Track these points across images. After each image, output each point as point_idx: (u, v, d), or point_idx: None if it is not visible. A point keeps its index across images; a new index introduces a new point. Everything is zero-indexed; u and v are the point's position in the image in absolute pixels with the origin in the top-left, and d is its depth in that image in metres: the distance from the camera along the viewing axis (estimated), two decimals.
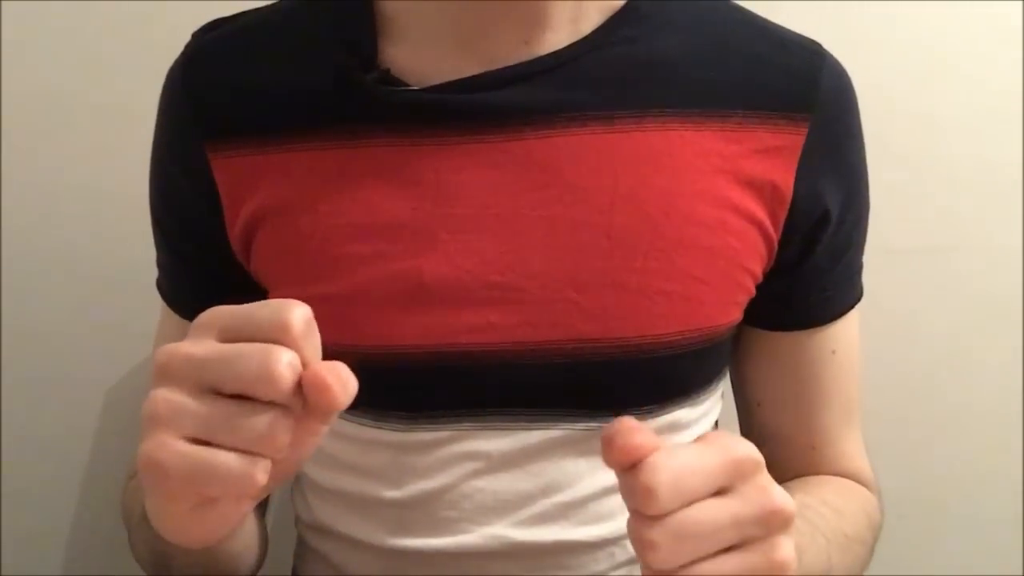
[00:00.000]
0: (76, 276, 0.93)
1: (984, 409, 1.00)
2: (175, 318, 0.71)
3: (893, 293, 0.74)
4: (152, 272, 0.72)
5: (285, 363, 0.41)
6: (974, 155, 0.95)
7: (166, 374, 0.43)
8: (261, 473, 0.42)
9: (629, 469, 0.43)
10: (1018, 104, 0.94)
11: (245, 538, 0.60)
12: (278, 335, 0.42)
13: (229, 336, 0.43)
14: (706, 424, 0.69)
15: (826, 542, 0.61)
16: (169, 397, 0.43)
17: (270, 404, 0.42)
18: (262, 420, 0.41)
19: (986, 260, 0.97)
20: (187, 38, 0.68)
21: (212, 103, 0.65)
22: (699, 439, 0.46)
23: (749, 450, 0.46)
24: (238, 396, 0.42)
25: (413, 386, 0.63)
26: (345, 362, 0.62)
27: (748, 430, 0.75)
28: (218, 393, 0.42)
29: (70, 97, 0.90)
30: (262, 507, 0.72)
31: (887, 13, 0.92)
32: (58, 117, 0.91)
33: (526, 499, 0.64)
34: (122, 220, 0.91)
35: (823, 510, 0.64)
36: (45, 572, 0.98)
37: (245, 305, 0.44)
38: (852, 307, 0.71)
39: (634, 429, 0.44)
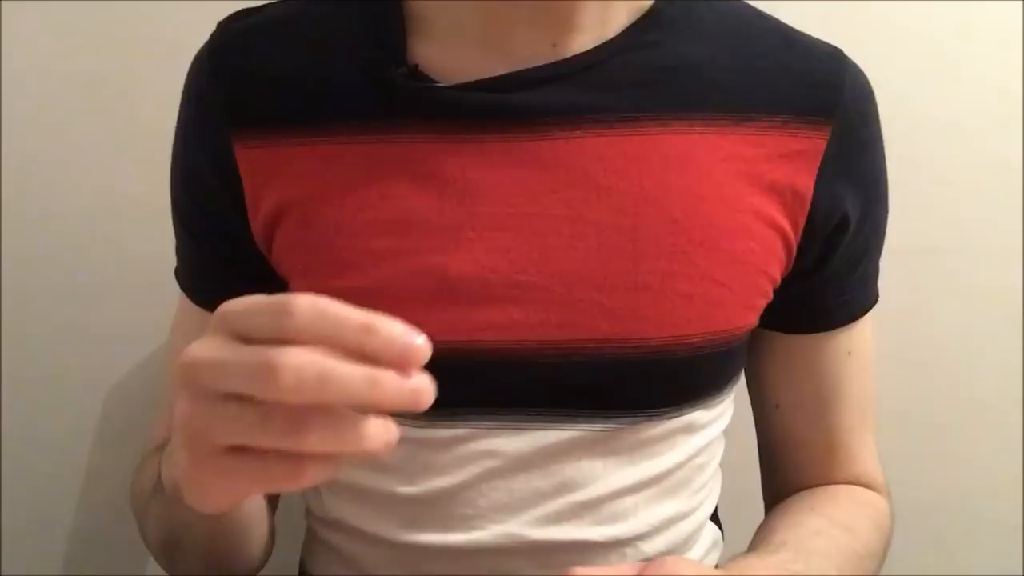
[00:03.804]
0: (77, 276, 0.93)
1: (984, 409, 1.00)
2: (193, 307, 0.71)
3: (893, 293, 0.74)
4: (153, 271, 0.73)
5: (282, 365, 0.37)
6: (974, 155, 0.95)
7: (187, 383, 0.41)
8: (311, 472, 0.40)
9: None
10: (1018, 104, 0.94)
11: (252, 508, 0.60)
12: (279, 333, 0.39)
13: (242, 335, 0.40)
14: (719, 427, 0.70)
15: (836, 569, 0.62)
16: (194, 412, 0.41)
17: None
18: (287, 418, 0.38)
19: (986, 260, 0.97)
20: (192, 35, 0.68)
21: (239, 92, 0.65)
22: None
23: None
24: None
25: (432, 382, 0.62)
26: None
27: (765, 432, 0.76)
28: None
29: (70, 95, 0.90)
30: (272, 501, 0.72)
31: (886, 13, 0.92)
32: (59, 116, 0.90)
33: (542, 498, 0.64)
34: (123, 220, 0.91)
35: (833, 532, 0.65)
36: (45, 572, 0.98)
37: (255, 300, 0.41)
38: (868, 310, 0.72)
39: None
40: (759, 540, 0.66)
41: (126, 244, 0.91)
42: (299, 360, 0.38)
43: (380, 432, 0.40)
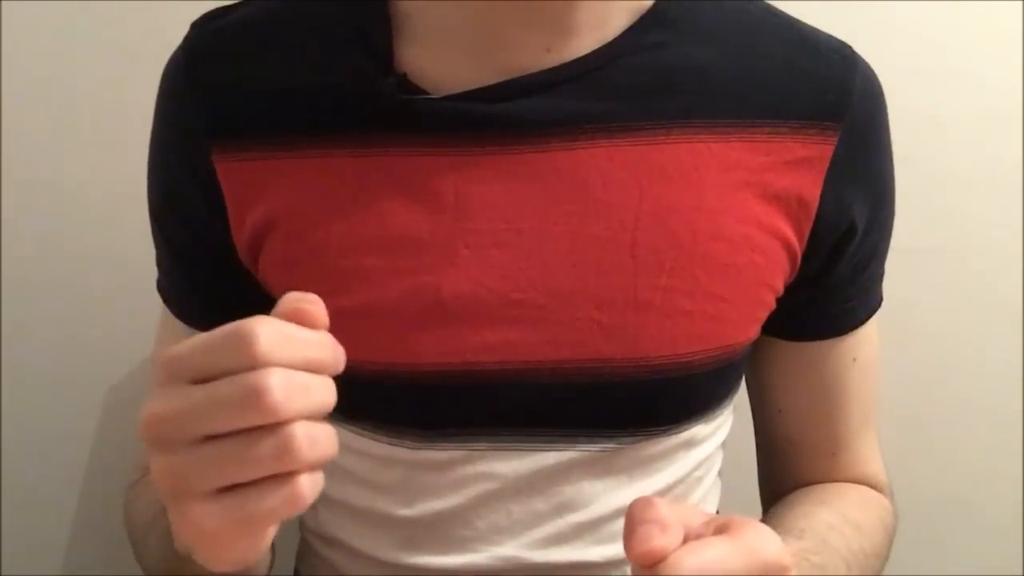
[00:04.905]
0: (76, 276, 0.93)
1: (984, 409, 1.00)
2: (177, 321, 0.69)
3: (893, 293, 0.74)
4: (154, 272, 0.72)
5: (266, 388, 0.39)
6: (974, 155, 0.95)
7: (156, 440, 0.41)
8: (304, 487, 0.40)
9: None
10: (1018, 104, 0.94)
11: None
12: (246, 362, 0.39)
13: (201, 375, 0.40)
14: (719, 438, 0.69)
15: (846, 567, 0.61)
16: (173, 463, 0.40)
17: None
18: (273, 440, 0.39)
19: (986, 260, 0.97)
20: None
21: (217, 102, 0.62)
22: (729, 531, 0.44)
23: (778, 556, 0.45)
24: None
25: (428, 404, 0.61)
26: (359, 379, 0.61)
27: (766, 435, 0.75)
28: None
29: (71, 96, 0.90)
30: None
31: (887, 13, 0.92)
32: (58, 116, 0.90)
33: (540, 519, 0.63)
34: (123, 219, 0.90)
35: (845, 529, 0.64)
36: (45, 572, 0.98)
37: (203, 338, 0.41)
38: (872, 315, 0.71)
39: (657, 526, 0.42)
40: (774, 526, 0.65)
41: (127, 243, 0.91)
42: (280, 378, 0.39)
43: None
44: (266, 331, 0.40)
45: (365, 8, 0.62)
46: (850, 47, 0.66)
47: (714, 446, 0.68)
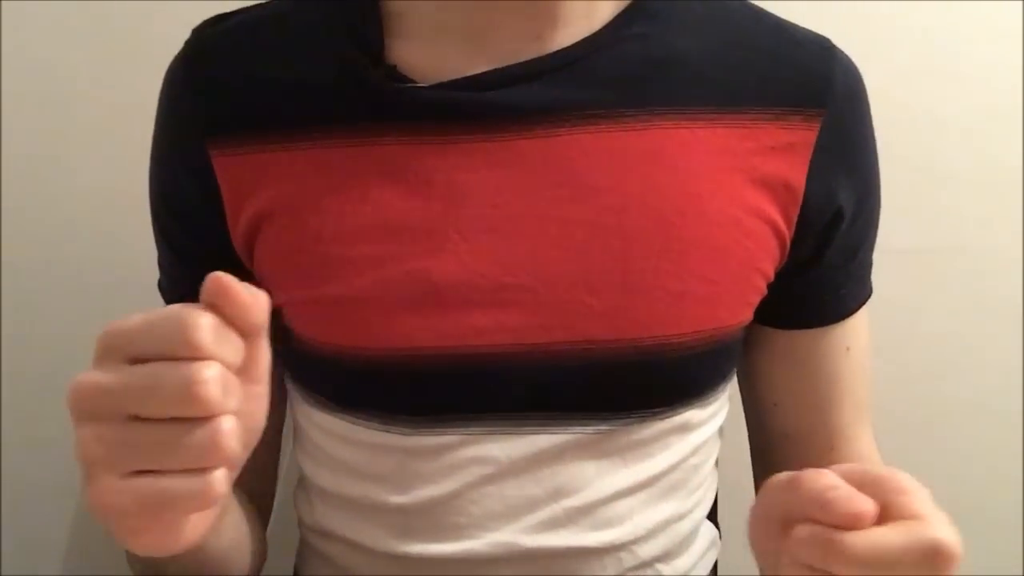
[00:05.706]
0: (77, 277, 0.93)
1: (984, 409, 1.00)
2: None
3: (893, 293, 0.74)
4: (154, 272, 0.72)
5: (207, 380, 0.39)
6: (974, 155, 0.95)
7: (84, 411, 0.41)
8: (218, 484, 0.40)
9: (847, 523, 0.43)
10: (1018, 104, 0.94)
11: (229, 532, 0.59)
12: (188, 351, 0.39)
13: (138, 356, 0.40)
14: (714, 425, 0.69)
15: None
16: (98, 435, 0.40)
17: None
18: (201, 435, 0.39)
19: (987, 260, 0.97)
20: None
21: (214, 100, 0.64)
22: (903, 490, 0.45)
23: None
24: None
25: (422, 389, 0.62)
26: (353, 365, 0.61)
27: (761, 432, 0.75)
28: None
29: (71, 97, 0.90)
30: (264, 514, 0.71)
31: (887, 13, 0.92)
32: (59, 117, 0.90)
33: (535, 504, 0.63)
34: (124, 221, 0.90)
35: None
36: (45, 572, 0.98)
37: (145, 319, 0.41)
38: (863, 304, 0.71)
39: (845, 491, 0.43)
40: None
41: (127, 244, 0.91)
42: (217, 372, 0.39)
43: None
44: (210, 322, 0.40)
45: (357, 8, 0.64)
46: (828, 39, 0.68)
47: (709, 433, 0.68)
